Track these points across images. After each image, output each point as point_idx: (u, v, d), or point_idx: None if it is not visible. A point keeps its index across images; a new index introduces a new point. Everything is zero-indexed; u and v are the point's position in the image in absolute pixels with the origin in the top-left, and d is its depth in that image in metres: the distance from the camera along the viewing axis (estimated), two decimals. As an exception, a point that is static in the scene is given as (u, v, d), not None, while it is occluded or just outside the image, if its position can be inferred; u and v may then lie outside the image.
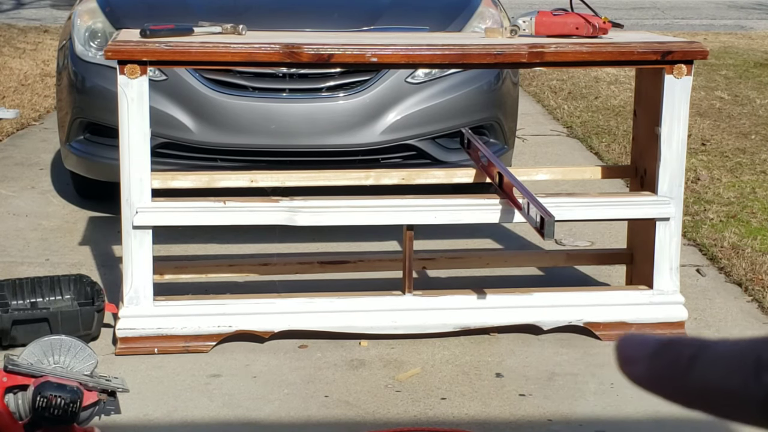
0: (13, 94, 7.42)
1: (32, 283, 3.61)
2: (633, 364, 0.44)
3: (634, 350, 0.44)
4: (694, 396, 0.42)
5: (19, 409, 2.79)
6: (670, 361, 0.42)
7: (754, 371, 0.40)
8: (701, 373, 0.42)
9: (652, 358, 0.43)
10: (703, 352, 0.42)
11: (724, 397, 0.41)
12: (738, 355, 0.41)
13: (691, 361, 0.42)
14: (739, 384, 0.40)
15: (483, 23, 4.61)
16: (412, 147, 4.49)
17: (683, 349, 0.42)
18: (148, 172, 3.34)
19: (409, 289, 3.54)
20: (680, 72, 3.44)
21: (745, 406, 0.40)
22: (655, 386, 0.43)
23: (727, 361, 0.41)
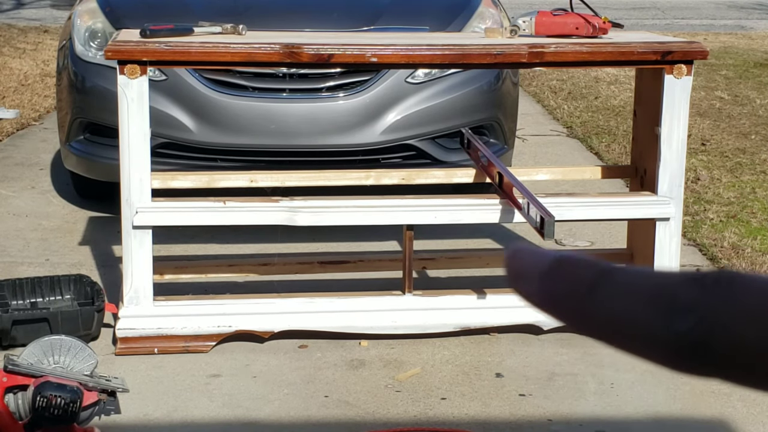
0: (13, 94, 7.42)
1: (32, 283, 3.61)
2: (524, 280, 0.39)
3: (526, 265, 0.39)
4: (592, 326, 0.38)
5: (19, 409, 2.79)
6: (567, 284, 0.38)
7: (666, 313, 0.36)
8: (602, 303, 0.37)
9: (546, 278, 0.38)
10: (606, 280, 0.37)
11: (627, 335, 0.37)
12: (648, 291, 0.37)
13: (591, 288, 0.37)
14: (647, 324, 0.36)
15: (483, 23, 4.61)
16: (412, 147, 4.49)
17: (582, 273, 0.38)
18: (148, 172, 3.34)
19: (409, 289, 3.54)
20: (680, 72, 3.44)
21: (651, 347, 0.37)
22: (549, 309, 0.39)
23: (634, 296, 0.37)
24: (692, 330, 0.36)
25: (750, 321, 0.35)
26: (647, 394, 3.19)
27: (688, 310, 0.36)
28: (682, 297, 0.36)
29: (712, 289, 0.36)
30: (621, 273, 0.38)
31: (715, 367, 0.36)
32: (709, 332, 0.36)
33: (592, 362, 3.40)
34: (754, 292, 0.36)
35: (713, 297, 0.36)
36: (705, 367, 0.36)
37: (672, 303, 0.36)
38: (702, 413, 3.09)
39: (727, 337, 0.35)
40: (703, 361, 0.36)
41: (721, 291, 0.36)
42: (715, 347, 0.36)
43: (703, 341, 0.36)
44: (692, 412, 3.10)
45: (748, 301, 0.36)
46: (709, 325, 0.36)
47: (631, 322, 0.37)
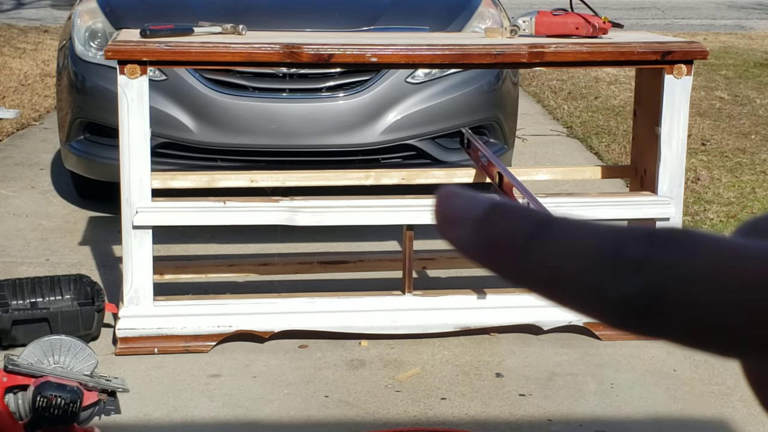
0: (13, 94, 7.42)
1: (32, 283, 3.61)
2: (455, 227, 0.35)
3: (459, 209, 0.35)
4: (530, 281, 0.34)
5: (19, 409, 2.79)
6: (504, 234, 0.34)
7: (612, 270, 0.33)
8: (541, 256, 0.34)
9: (480, 225, 0.35)
10: (546, 231, 0.34)
11: (568, 291, 0.34)
12: (593, 245, 0.33)
13: (530, 239, 0.34)
14: (590, 281, 0.33)
15: (483, 23, 4.61)
16: (412, 147, 4.49)
17: (521, 221, 0.34)
18: (148, 172, 3.34)
19: (409, 289, 3.54)
20: (680, 72, 3.44)
21: (594, 305, 0.34)
22: (483, 260, 0.35)
23: (577, 249, 0.34)
24: (641, 290, 0.33)
25: (703, 283, 0.33)
26: (647, 394, 3.19)
27: (636, 268, 0.33)
28: (630, 253, 0.33)
29: (663, 247, 0.33)
30: (563, 224, 0.35)
31: (661, 328, 0.34)
32: (658, 293, 0.33)
33: (592, 362, 3.40)
34: (709, 251, 0.33)
35: (665, 255, 0.33)
36: (651, 327, 0.34)
37: (619, 259, 0.33)
38: (702, 413, 3.09)
39: (678, 299, 0.33)
40: (650, 321, 0.33)
41: (673, 249, 0.33)
42: (664, 309, 0.33)
43: (652, 302, 0.33)
44: (692, 412, 3.10)
45: (703, 262, 0.33)
46: (659, 285, 0.33)
47: (573, 278, 0.34)
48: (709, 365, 3.40)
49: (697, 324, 0.33)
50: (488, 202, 0.36)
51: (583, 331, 3.57)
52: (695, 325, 0.33)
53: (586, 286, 0.34)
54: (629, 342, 3.54)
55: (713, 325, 0.33)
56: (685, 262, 0.33)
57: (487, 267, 0.36)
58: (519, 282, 0.35)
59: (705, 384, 3.27)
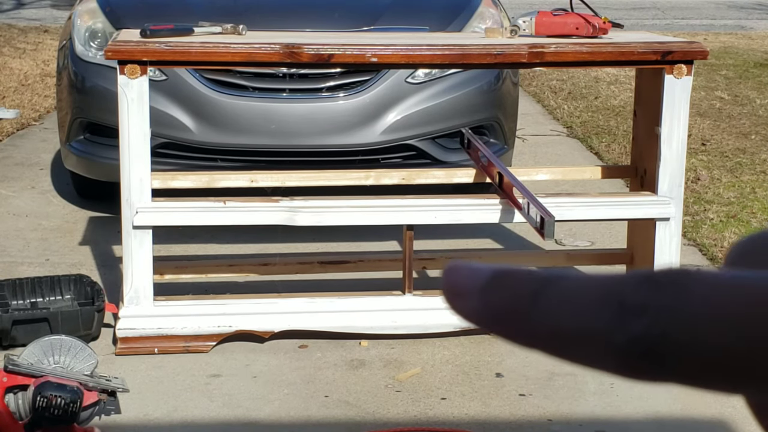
0: (13, 94, 7.42)
1: (32, 283, 3.61)
2: (462, 297, 0.36)
3: (464, 281, 0.36)
4: (537, 340, 0.35)
5: (19, 409, 2.79)
6: (508, 296, 0.35)
7: (616, 316, 0.34)
8: (546, 313, 0.35)
9: (485, 292, 0.36)
10: (548, 288, 0.35)
11: (576, 345, 0.34)
12: (595, 295, 0.34)
13: (534, 298, 0.35)
14: (596, 331, 0.34)
15: (483, 23, 4.61)
16: (412, 147, 4.49)
17: (523, 284, 0.35)
18: (148, 172, 3.34)
19: (409, 289, 3.54)
20: (680, 72, 3.44)
21: (602, 356, 0.34)
22: (491, 325, 0.36)
23: (580, 302, 0.34)
24: (645, 332, 0.34)
25: (706, 321, 0.33)
26: (647, 394, 3.19)
27: (639, 312, 0.34)
28: (632, 298, 0.34)
29: (664, 288, 0.34)
30: (564, 280, 0.35)
31: (671, 371, 0.34)
32: (663, 334, 0.33)
33: (592, 362, 3.40)
34: (710, 289, 0.34)
35: (666, 296, 0.34)
36: (661, 372, 0.34)
37: (622, 305, 0.34)
38: (702, 413, 3.09)
39: (683, 338, 0.33)
40: (659, 365, 0.34)
41: (674, 289, 0.34)
42: (671, 350, 0.34)
43: (658, 344, 0.34)
44: (692, 412, 3.10)
45: (704, 300, 0.33)
46: (663, 326, 0.33)
47: (579, 330, 0.34)
48: (709, 365, 3.40)
49: (703, 362, 0.34)
50: (490, 271, 0.36)
51: (583, 331, 3.57)
52: (701, 364, 0.34)
53: (592, 336, 0.34)
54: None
55: (718, 362, 0.33)
56: (686, 301, 0.34)
57: (496, 333, 0.37)
58: (527, 343, 0.36)
59: (705, 384, 3.26)
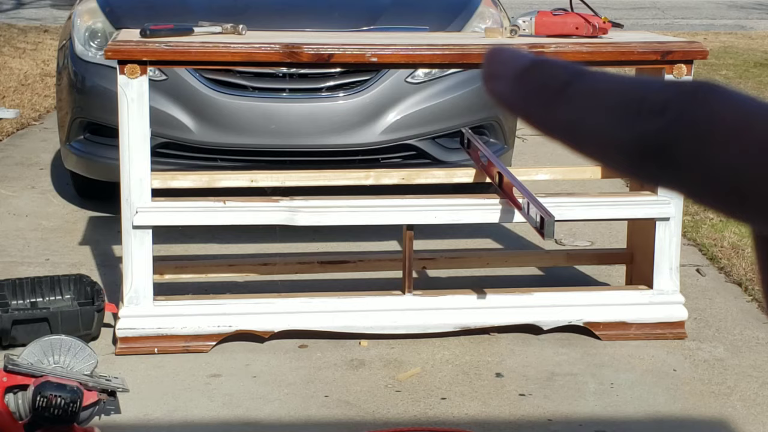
0: (13, 94, 7.42)
1: (32, 283, 3.61)
2: (498, 79, 0.38)
3: (503, 65, 0.38)
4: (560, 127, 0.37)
5: (19, 409, 2.79)
6: (540, 83, 0.37)
7: (634, 112, 0.35)
8: (572, 103, 0.36)
9: (521, 77, 0.37)
10: (579, 80, 0.36)
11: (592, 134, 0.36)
12: (620, 91, 0.35)
13: (564, 87, 0.36)
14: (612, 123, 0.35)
15: (483, 23, 4.61)
16: (412, 147, 4.49)
17: (556, 72, 0.37)
18: (148, 172, 3.34)
19: (409, 289, 3.54)
20: (680, 72, 3.44)
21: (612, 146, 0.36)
22: (520, 109, 0.37)
23: (604, 95, 0.36)
24: (659, 131, 0.34)
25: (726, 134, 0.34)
26: (647, 394, 3.19)
27: (658, 111, 0.35)
28: (653, 98, 0.35)
29: (688, 95, 0.35)
30: (595, 75, 0.37)
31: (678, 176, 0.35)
32: (676, 138, 0.34)
33: (592, 362, 3.40)
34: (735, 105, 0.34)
35: (688, 103, 0.34)
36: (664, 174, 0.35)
37: (642, 103, 0.35)
38: (702, 413, 3.09)
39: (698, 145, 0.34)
40: (665, 164, 0.35)
41: (697, 98, 0.34)
42: (681, 155, 0.34)
43: (667, 144, 0.34)
44: (692, 412, 3.10)
45: (725, 114, 0.34)
46: (677, 130, 0.34)
47: (598, 121, 0.36)
48: (709, 365, 3.40)
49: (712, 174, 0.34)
50: (530, 58, 0.38)
51: (583, 331, 3.57)
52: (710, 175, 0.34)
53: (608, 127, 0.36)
54: (629, 342, 3.54)
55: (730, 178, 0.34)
56: (707, 111, 0.34)
57: (523, 117, 0.38)
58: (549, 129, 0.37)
59: (705, 384, 3.27)
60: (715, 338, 3.61)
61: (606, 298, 3.62)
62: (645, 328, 3.56)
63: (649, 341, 3.55)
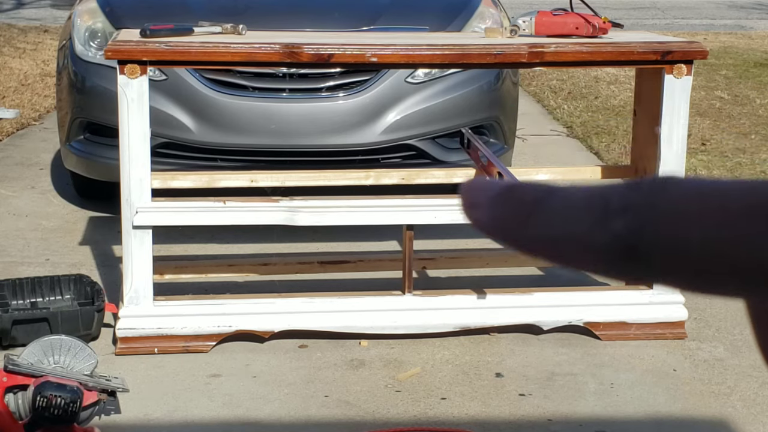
0: (13, 94, 7.42)
1: (32, 283, 3.61)
2: (476, 208, 0.41)
3: (478, 194, 0.41)
4: (536, 243, 0.39)
5: (19, 409, 2.79)
6: (513, 205, 0.40)
7: (601, 216, 0.37)
8: (545, 218, 0.38)
9: (495, 202, 0.40)
10: (549, 197, 0.39)
11: (568, 244, 0.38)
12: (585, 201, 0.38)
13: (535, 205, 0.39)
14: (584, 230, 0.38)
15: (483, 23, 4.61)
16: (412, 147, 4.49)
17: (527, 194, 0.39)
18: (148, 172, 3.34)
19: (409, 289, 3.54)
20: (680, 72, 3.44)
21: (589, 253, 0.38)
22: (498, 232, 0.40)
23: (573, 207, 0.38)
24: (625, 229, 0.37)
25: (681, 218, 0.36)
26: (647, 394, 3.19)
27: (621, 211, 0.37)
28: (616, 200, 0.38)
29: (646, 191, 0.37)
30: (563, 190, 0.39)
31: (654, 268, 0.37)
32: (641, 230, 0.37)
33: (592, 362, 3.40)
34: (688, 191, 0.37)
35: (646, 197, 0.37)
36: (645, 269, 0.37)
37: (606, 207, 0.38)
38: (702, 413, 3.09)
39: (662, 234, 0.36)
40: (639, 261, 0.37)
41: (655, 191, 0.37)
42: (649, 246, 0.36)
43: (637, 239, 0.37)
44: (692, 412, 3.10)
45: (681, 200, 0.36)
46: (642, 222, 0.37)
47: (570, 231, 0.38)
48: (708, 365, 3.40)
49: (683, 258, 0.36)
50: (503, 184, 0.41)
51: (583, 331, 3.57)
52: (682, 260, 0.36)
53: (580, 236, 0.38)
54: (629, 342, 3.54)
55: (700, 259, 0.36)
56: (664, 201, 0.37)
57: (500, 240, 0.41)
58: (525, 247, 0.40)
59: (705, 384, 3.27)
60: (715, 338, 3.61)
61: (606, 298, 3.62)
62: (645, 328, 3.56)
63: (649, 341, 3.55)
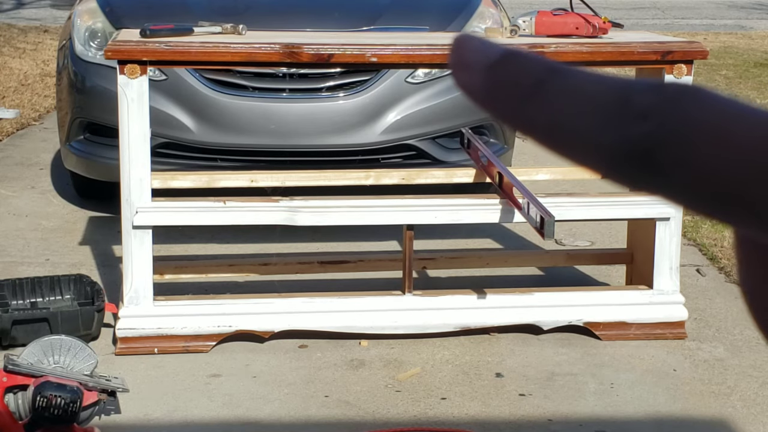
0: (13, 94, 7.42)
1: (32, 283, 3.61)
2: (467, 71, 0.36)
3: (472, 55, 0.35)
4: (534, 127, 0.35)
5: (19, 409, 2.79)
6: (513, 79, 0.35)
7: (616, 115, 0.34)
8: (547, 102, 0.34)
9: (491, 70, 0.35)
10: (556, 77, 0.34)
11: (572, 136, 0.35)
12: (599, 93, 0.34)
13: (540, 83, 0.34)
14: (594, 125, 0.34)
15: (483, 23, 4.61)
16: (412, 147, 4.49)
17: (532, 67, 0.35)
18: (148, 172, 3.34)
19: (409, 289, 3.54)
20: (680, 72, 3.44)
21: (594, 150, 0.34)
22: (490, 104, 0.35)
23: (583, 97, 0.34)
24: (643, 136, 0.33)
25: (709, 137, 0.33)
26: (647, 394, 3.19)
27: (643, 116, 0.34)
28: (637, 102, 0.34)
29: (673, 99, 0.34)
30: (572, 73, 0.35)
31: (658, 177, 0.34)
32: (659, 143, 0.33)
33: (592, 362, 3.40)
34: (719, 108, 0.33)
35: (672, 107, 0.34)
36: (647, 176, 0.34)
37: (625, 107, 0.34)
38: (702, 413, 3.09)
39: (682, 150, 0.33)
40: (649, 169, 0.34)
41: (683, 102, 0.34)
42: (667, 158, 0.33)
43: (655, 149, 0.33)
44: (692, 412, 3.10)
45: (711, 117, 0.33)
46: (661, 135, 0.33)
47: (576, 122, 0.34)
48: (709, 365, 3.40)
49: (698, 178, 0.33)
50: (502, 49, 0.36)
51: (583, 331, 3.57)
52: (695, 179, 0.33)
53: (589, 131, 0.34)
54: (629, 342, 3.54)
55: (713, 182, 0.33)
56: (693, 115, 0.33)
57: (494, 113, 0.36)
58: (523, 129, 0.35)
59: (705, 384, 3.27)
60: (715, 338, 3.61)
61: (606, 298, 3.62)
62: (645, 328, 3.56)
63: (649, 341, 3.55)
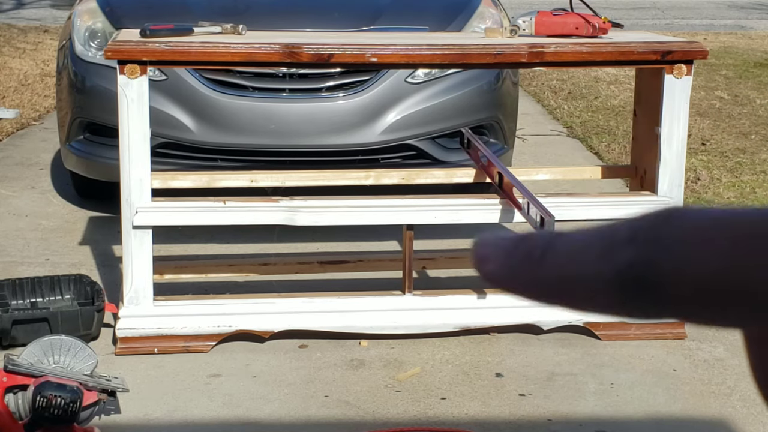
0: (13, 94, 7.42)
1: (32, 283, 3.61)
2: (488, 262, 0.41)
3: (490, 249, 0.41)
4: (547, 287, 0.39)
5: (19, 409, 2.79)
6: (523, 255, 0.40)
7: (608, 249, 0.37)
8: (553, 261, 0.39)
9: (506, 255, 0.40)
10: (556, 241, 0.39)
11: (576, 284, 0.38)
12: (593, 237, 0.38)
13: (544, 251, 0.39)
14: (593, 265, 0.37)
15: (483, 23, 4.61)
16: (412, 147, 4.49)
17: (536, 242, 0.40)
18: (148, 172, 3.34)
19: (409, 289, 3.54)
20: (680, 72, 3.44)
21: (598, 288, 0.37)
22: (509, 282, 0.40)
23: (580, 246, 0.38)
24: (632, 261, 0.36)
25: (687, 248, 0.36)
26: (647, 394, 3.19)
27: (627, 243, 0.37)
28: (622, 232, 0.37)
29: (652, 222, 0.37)
30: (571, 232, 0.39)
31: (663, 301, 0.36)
32: (648, 261, 0.36)
33: (592, 362, 3.40)
34: (694, 221, 0.36)
35: (653, 228, 0.37)
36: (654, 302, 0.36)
37: (612, 239, 0.37)
38: (702, 413, 3.09)
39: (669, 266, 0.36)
40: (647, 295, 0.36)
41: (660, 222, 0.37)
42: (656, 277, 0.36)
43: (644, 271, 0.36)
44: (692, 412, 3.10)
45: (687, 230, 0.36)
46: (647, 253, 0.36)
47: (579, 269, 0.38)
48: (708, 365, 3.40)
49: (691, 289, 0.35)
50: (513, 237, 0.41)
51: (583, 331, 3.57)
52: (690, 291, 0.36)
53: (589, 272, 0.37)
54: (629, 342, 3.54)
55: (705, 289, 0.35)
56: (671, 231, 0.36)
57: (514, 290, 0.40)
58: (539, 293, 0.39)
59: (705, 384, 3.27)
60: (715, 338, 3.61)
61: (606, 298, 3.62)
62: (645, 328, 3.56)
63: (649, 341, 3.55)
